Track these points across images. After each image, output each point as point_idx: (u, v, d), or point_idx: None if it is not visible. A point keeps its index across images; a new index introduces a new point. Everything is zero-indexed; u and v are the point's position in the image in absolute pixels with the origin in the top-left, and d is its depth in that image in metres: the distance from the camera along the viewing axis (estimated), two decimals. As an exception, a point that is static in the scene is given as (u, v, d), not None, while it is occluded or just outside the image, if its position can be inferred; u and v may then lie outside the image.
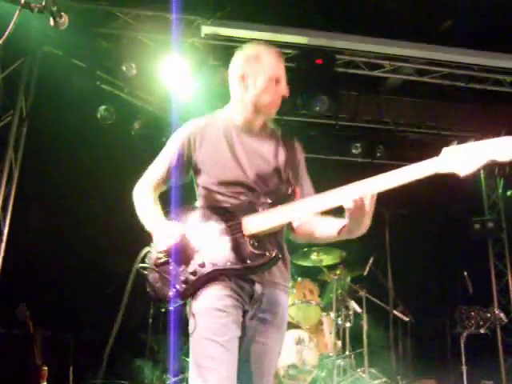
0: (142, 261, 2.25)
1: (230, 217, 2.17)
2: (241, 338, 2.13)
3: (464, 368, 5.95)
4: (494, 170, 8.34)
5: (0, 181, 5.58)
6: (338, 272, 6.07)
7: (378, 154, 7.84)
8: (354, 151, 7.85)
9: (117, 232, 5.83)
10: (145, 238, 2.37)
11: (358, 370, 5.79)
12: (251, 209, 2.15)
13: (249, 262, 2.09)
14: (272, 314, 2.21)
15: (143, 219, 2.30)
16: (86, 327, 5.81)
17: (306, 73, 6.38)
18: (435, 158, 1.88)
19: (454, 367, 6.35)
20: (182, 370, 5.42)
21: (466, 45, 6.48)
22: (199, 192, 2.33)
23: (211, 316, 2.07)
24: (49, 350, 4.93)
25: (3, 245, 5.55)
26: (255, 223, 2.12)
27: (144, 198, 2.33)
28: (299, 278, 6.06)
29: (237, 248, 2.10)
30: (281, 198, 2.17)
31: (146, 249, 2.26)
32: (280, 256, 2.14)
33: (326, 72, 6.40)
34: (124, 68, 6.04)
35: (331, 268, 6.19)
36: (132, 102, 6.91)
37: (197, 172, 2.30)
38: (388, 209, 6.03)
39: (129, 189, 2.50)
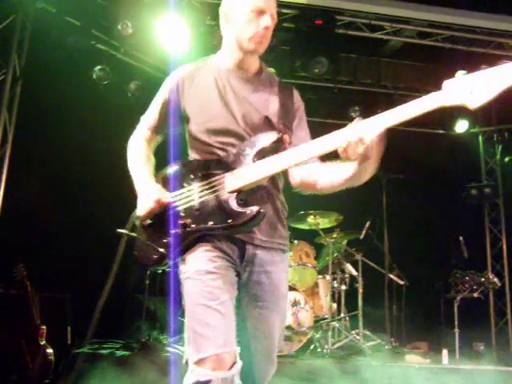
0: (133, 225, 2.19)
1: (216, 171, 2.04)
2: (238, 302, 2.03)
3: (456, 331, 6.05)
4: (493, 135, 8.31)
5: (-6, 141, 5.53)
6: (334, 235, 6.10)
7: (377, 118, 7.76)
8: (352, 115, 7.77)
9: (112, 192, 5.81)
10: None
11: (353, 332, 5.88)
12: (238, 161, 2.01)
13: (230, 220, 1.95)
14: (266, 275, 2.08)
15: (133, 177, 2.21)
16: (83, 287, 5.85)
17: (305, 34, 6.25)
18: (442, 93, 1.67)
19: (446, 330, 6.45)
20: (179, 330, 5.49)
21: (468, 7, 6.34)
22: (190, 143, 2.20)
23: (202, 279, 1.94)
24: (47, 309, 4.97)
25: (-1, 206, 5.54)
26: (237, 178, 1.98)
27: (136, 154, 2.24)
28: (296, 241, 6.09)
29: (219, 206, 1.98)
30: (270, 149, 2.02)
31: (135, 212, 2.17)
32: (264, 212, 1.96)
33: (325, 33, 6.28)
34: (120, 27, 5.90)
35: (328, 231, 6.22)
36: (128, 62, 6.79)
37: (186, 120, 2.17)
38: (385, 173, 6.02)
39: (124, 150, 2.44)
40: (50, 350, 4.58)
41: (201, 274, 1.95)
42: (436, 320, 6.79)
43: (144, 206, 2.06)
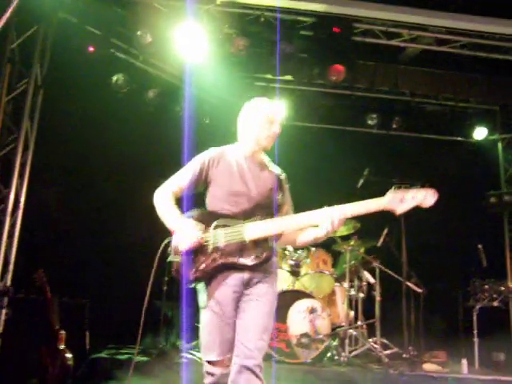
0: (164, 248, 2.87)
1: (233, 222, 2.86)
2: (243, 302, 2.86)
3: (476, 340, 5.97)
4: (512, 143, 8.22)
5: (16, 149, 5.63)
6: (351, 243, 6.07)
7: (394, 126, 7.75)
8: (369, 122, 7.77)
9: (133, 199, 5.86)
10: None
11: (370, 340, 5.85)
12: (249, 217, 2.86)
13: (250, 260, 2.81)
14: (260, 286, 2.90)
15: (164, 217, 2.90)
16: (102, 293, 5.90)
17: (322, 42, 6.26)
18: (383, 199, 2.79)
19: (465, 339, 6.38)
20: (195, 336, 5.51)
21: (487, 13, 6.30)
22: (208, 199, 3.01)
23: (214, 310, 2.82)
24: (66, 315, 5.03)
25: (20, 212, 5.63)
26: (255, 231, 2.81)
27: (165, 200, 2.94)
28: (313, 248, 6.08)
29: (241, 248, 2.82)
30: (272, 210, 2.94)
31: (167, 240, 2.88)
32: (272, 256, 2.87)
33: (343, 41, 6.29)
34: (139, 35, 5.99)
35: (345, 239, 6.20)
36: (147, 71, 6.88)
37: (210, 184, 3.00)
38: (403, 181, 5.97)
39: (143, 156, 2.58)
40: (69, 355, 4.63)
41: (214, 305, 2.82)
42: (455, 329, 6.71)
43: (187, 243, 2.79)
